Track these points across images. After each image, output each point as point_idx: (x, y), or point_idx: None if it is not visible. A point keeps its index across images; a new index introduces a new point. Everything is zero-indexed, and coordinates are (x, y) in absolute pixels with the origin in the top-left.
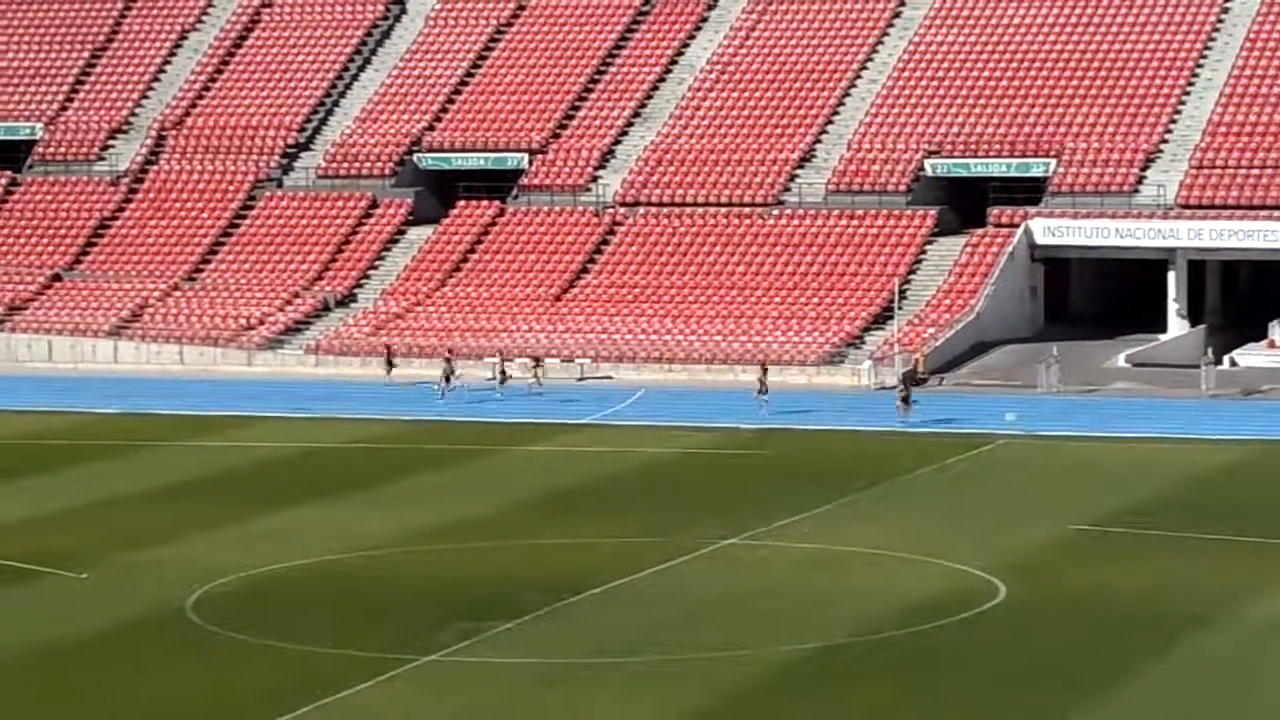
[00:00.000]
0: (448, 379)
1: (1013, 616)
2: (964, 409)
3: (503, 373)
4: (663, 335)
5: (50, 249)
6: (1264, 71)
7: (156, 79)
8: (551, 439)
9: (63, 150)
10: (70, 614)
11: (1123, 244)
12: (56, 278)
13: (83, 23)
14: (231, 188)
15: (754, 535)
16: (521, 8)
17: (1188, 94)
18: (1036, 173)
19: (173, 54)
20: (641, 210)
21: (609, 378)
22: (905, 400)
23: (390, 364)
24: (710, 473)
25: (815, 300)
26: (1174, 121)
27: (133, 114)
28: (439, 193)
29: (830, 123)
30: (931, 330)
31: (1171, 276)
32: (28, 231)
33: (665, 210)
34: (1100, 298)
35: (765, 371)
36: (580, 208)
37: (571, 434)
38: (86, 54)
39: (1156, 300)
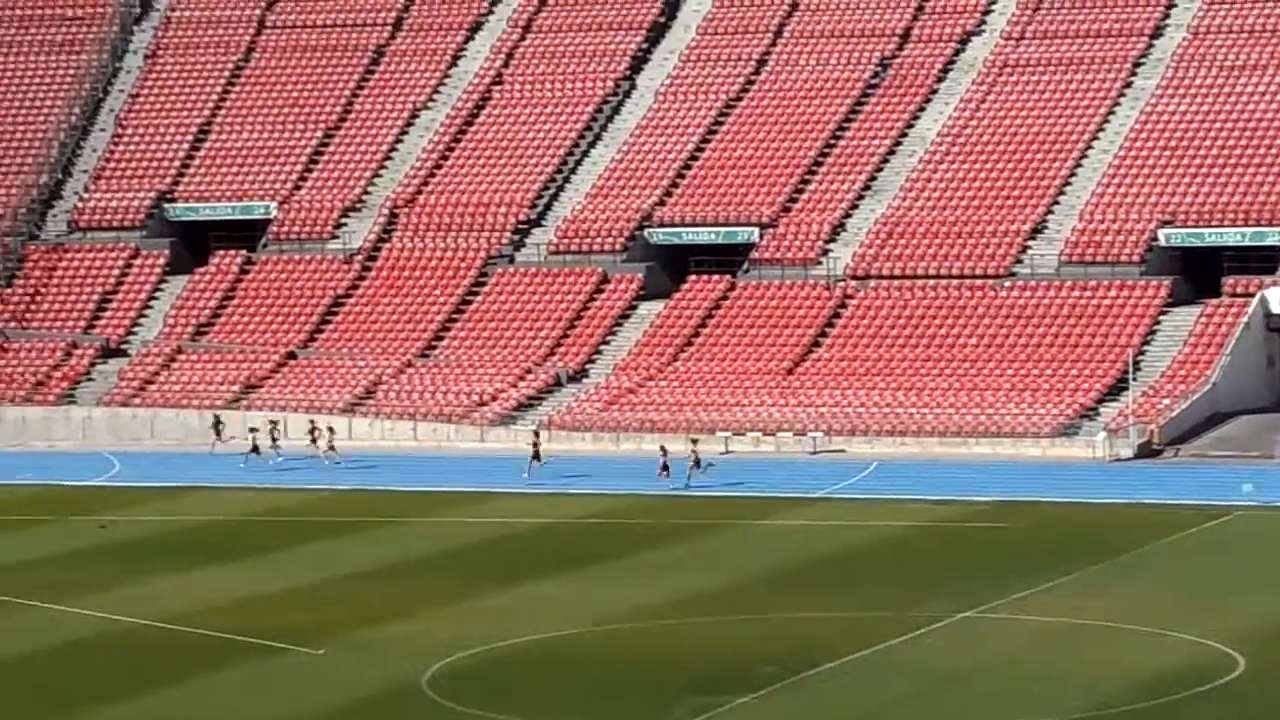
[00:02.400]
0: (256, 449)
1: (1253, 689)
2: (1200, 480)
3: (274, 442)
4: (895, 408)
5: (285, 327)
6: None
7: (389, 157)
8: (785, 513)
9: (297, 229)
10: (309, 690)
11: None
12: (291, 355)
13: (316, 103)
14: (463, 264)
15: (990, 608)
16: (750, 83)
17: None
18: (1271, 241)
19: (404, 132)
20: (872, 283)
21: (841, 451)
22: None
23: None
24: (945, 545)
25: (1048, 372)
26: None
27: (365, 192)
28: (670, 268)
29: (1062, 193)
30: (1166, 401)
31: None
32: (263, 310)
33: (896, 283)
34: None
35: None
36: (811, 281)
37: (805, 508)
38: (320, 133)
39: None
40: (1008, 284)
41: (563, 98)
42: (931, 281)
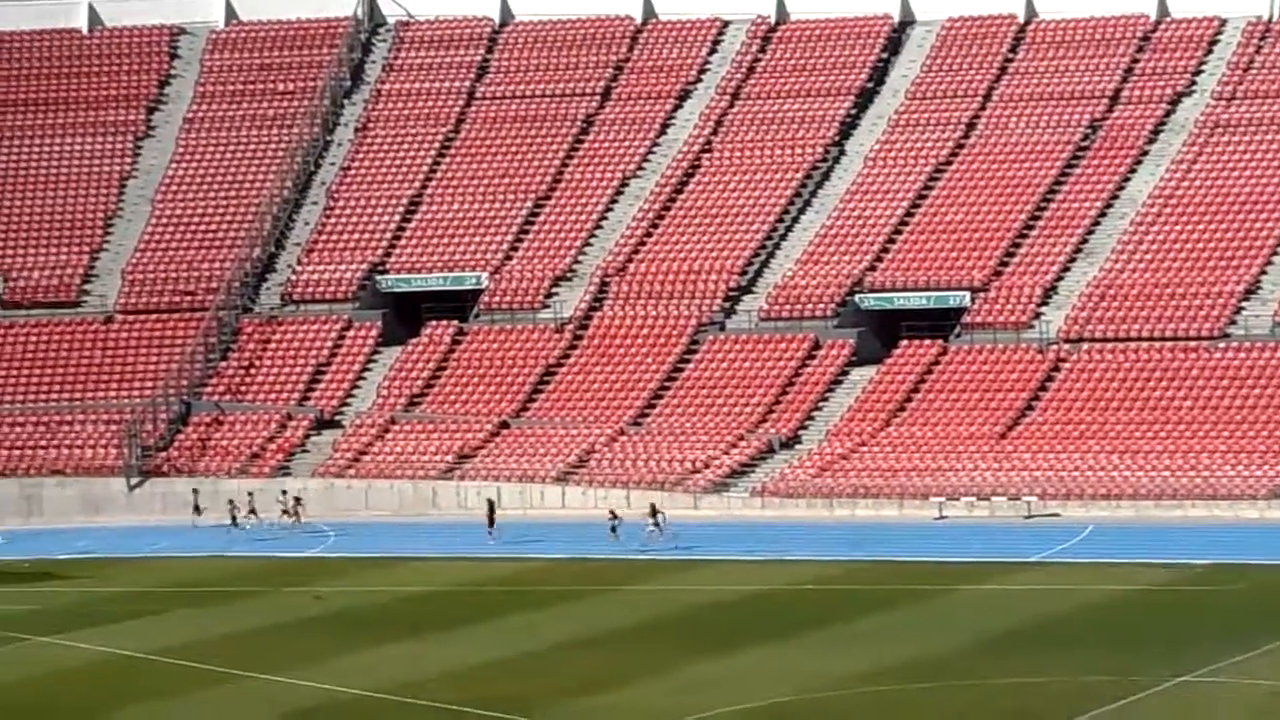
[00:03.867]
0: (234, 520)
1: None
2: None
3: (251, 511)
4: (1109, 471)
5: (497, 396)
6: None
7: (599, 226)
8: (1000, 578)
9: (508, 299)
10: None
11: None
12: (504, 425)
13: (526, 173)
14: (674, 332)
15: (1207, 672)
16: (960, 146)
17: None
18: None
19: (614, 201)
20: (1085, 346)
21: (1056, 515)
22: None
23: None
24: (1160, 609)
25: (1264, 433)
26: None
27: (576, 261)
28: (881, 333)
29: (1275, 253)
30: None
31: None
32: (475, 379)
33: (1109, 346)
34: None
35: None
36: (1024, 345)
37: (1020, 572)
38: (530, 203)
39: None
40: (1222, 345)
41: (772, 164)
42: (1145, 344)
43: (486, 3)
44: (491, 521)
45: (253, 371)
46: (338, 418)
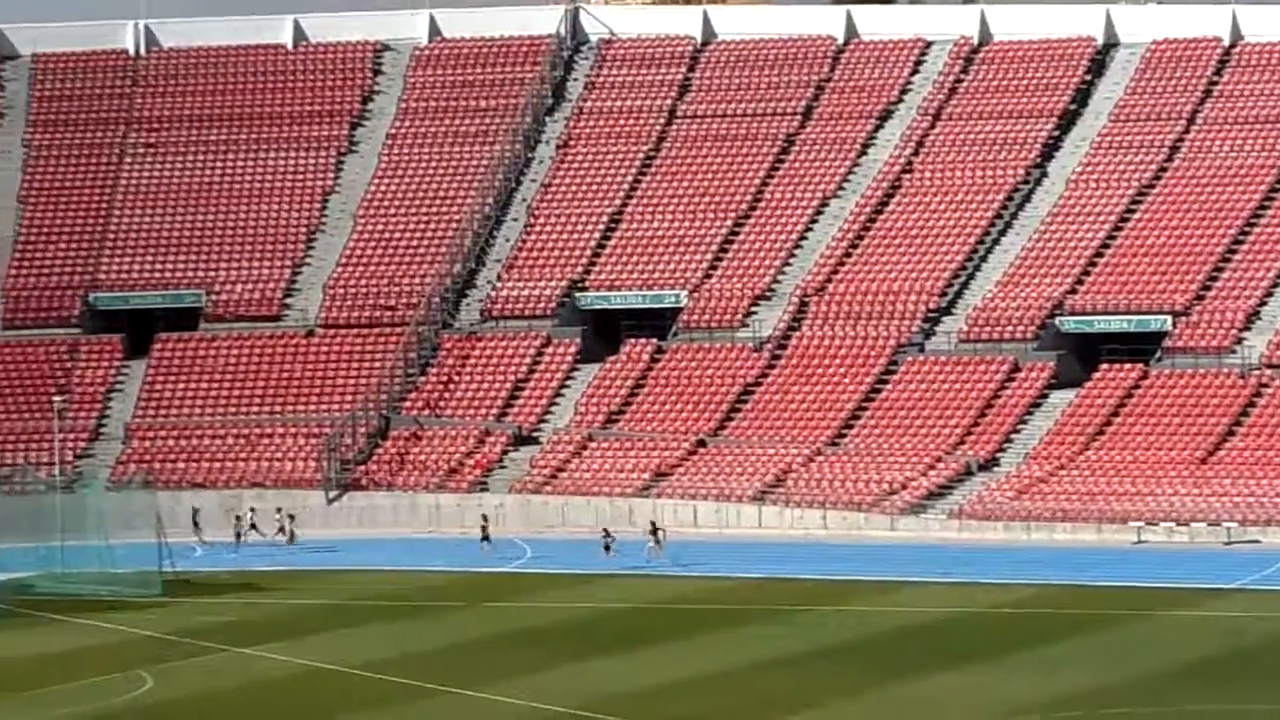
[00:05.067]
0: (239, 536)
1: None
2: None
3: (252, 526)
4: None
5: (694, 415)
6: None
7: (798, 246)
8: (1199, 604)
9: (707, 317)
10: None
11: None
12: (701, 443)
13: (726, 192)
14: (873, 353)
15: None
16: (1163, 169)
17: None
18: None
19: (814, 221)
20: None
21: (1256, 541)
22: None
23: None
24: None
25: None
26: None
27: (775, 281)
28: (1081, 356)
29: None
30: None
31: None
32: (673, 398)
33: None
34: None
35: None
36: (1225, 370)
37: (1219, 599)
38: (730, 222)
39: None
40: None
41: (973, 185)
42: None
43: (689, 21)
44: (485, 536)
45: (452, 387)
46: (535, 434)
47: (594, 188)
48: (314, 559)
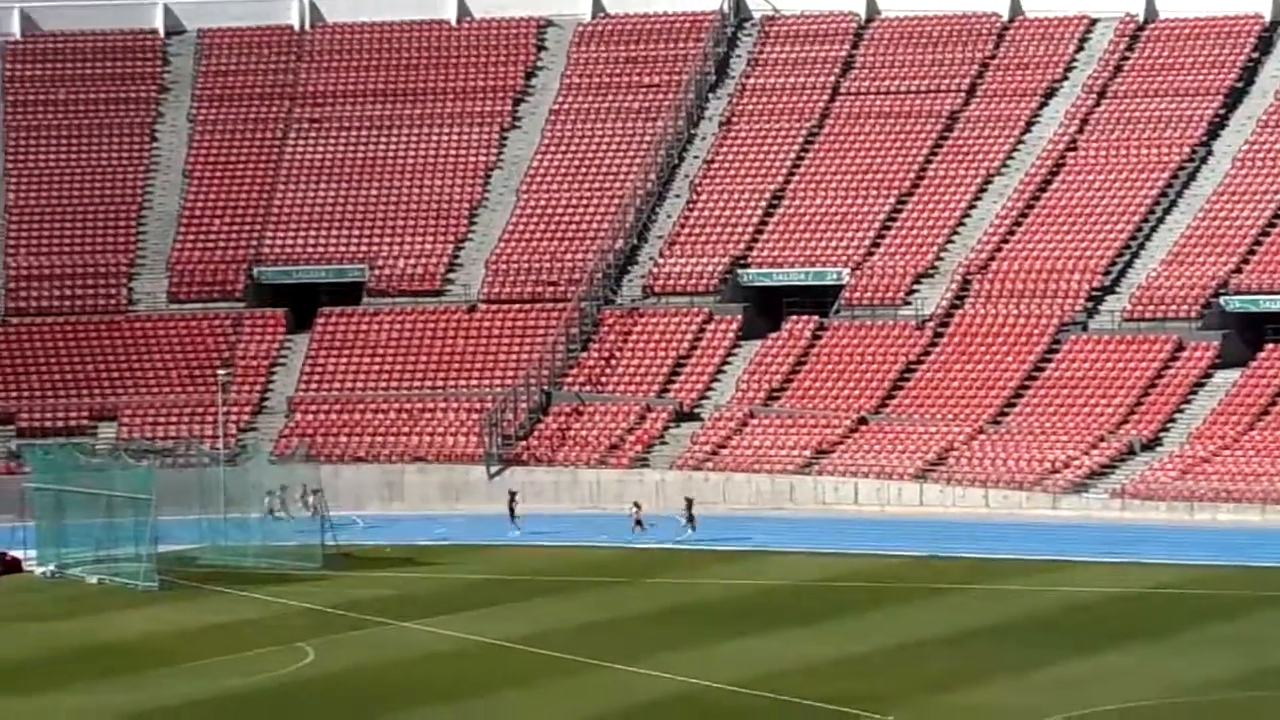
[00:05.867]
0: (271, 512)
1: None
2: None
3: (281, 504)
4: None
5: (856, 393)
6: None
7: (961, 223)
8: None
9: (869, 295)
10: None
11: None
12: (863, 421)
13: (889, 169)
14: (1036, 331)
15: None
16: None
17: None
18: None
19: (978, 198)
20: None
21: None
22: None
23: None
24: None
25: None
26: None
27: (938, 258)
28: (1246, 336)
29: None
30: None
31: None
32: (834, 375)
33: None
34: None
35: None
36: None
37: None
38: (893, 200)
39: None
40: None
41: (1138, 163)
42: None
43: None
44: (513, 513)
45: (613, 363)
46: (697, 410)
47: (757, 164)
48: (474, 533)
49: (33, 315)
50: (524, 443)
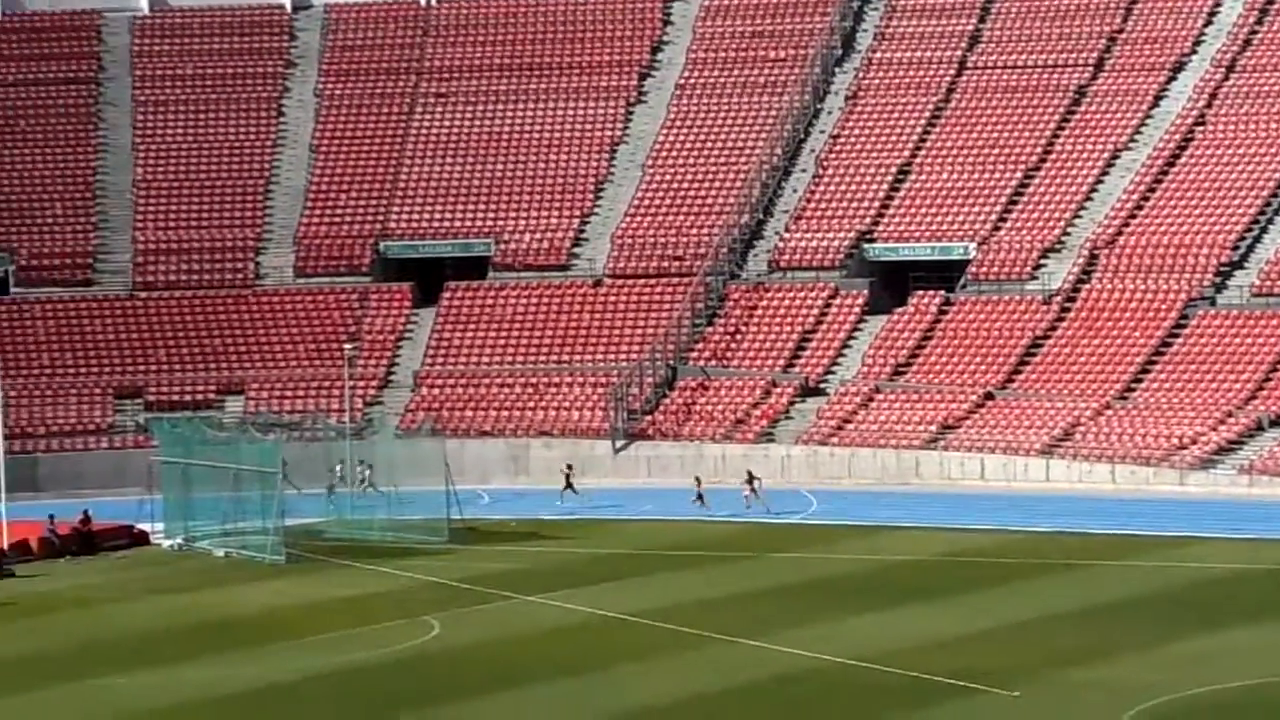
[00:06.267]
0: (332, 488)
1: None
2: None
3: (341, 479)
4: None
5: (982, 367)
6: None
7: (1089, 198)
8: None
9: (996, 269)
10: None
11: None
12: (989, 396)
13: (1016, 143)
14: (1164, 306)
15: None
16: None
17: None
18: None
19: (1105, 173)
20: None
21: None
22: None
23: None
24: None
25: None
26: None
27: (1065, 233)
28: None
29: None
30: None
31: None
32: (960, 350)
33: None
34: None
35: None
36: None
37: None
38: (1020, 174)
39: None
40: None
41: (1267, 138)
42: None
43: None
44: (569, 485)
45: (738, 338)
46: (822, 385)
47: (883, 139)
48: (600, 508)
49: (161, 289)
50: (649, 417)
